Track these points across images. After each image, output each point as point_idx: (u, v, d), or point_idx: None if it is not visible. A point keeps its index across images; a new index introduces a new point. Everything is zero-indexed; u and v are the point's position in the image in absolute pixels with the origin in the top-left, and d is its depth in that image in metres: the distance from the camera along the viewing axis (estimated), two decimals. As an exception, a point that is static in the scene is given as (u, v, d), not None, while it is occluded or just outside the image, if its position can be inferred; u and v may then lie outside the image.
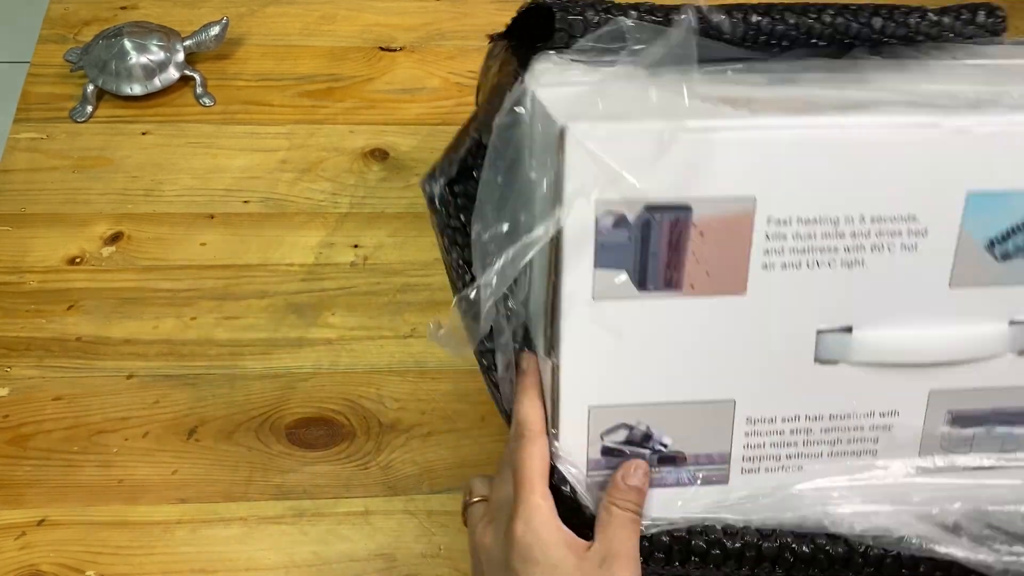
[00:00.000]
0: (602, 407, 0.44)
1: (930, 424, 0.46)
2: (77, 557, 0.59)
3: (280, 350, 0.69)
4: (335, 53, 0.87)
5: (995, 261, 0.43)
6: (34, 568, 0.59)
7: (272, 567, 0.60)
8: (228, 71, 0.85)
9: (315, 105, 0.83)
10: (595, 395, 0.44)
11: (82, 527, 0.61)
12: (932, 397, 0.45)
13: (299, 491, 0.63)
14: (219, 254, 0.73)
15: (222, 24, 0.83)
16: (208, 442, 0.65)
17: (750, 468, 0.45)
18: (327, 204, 0.77)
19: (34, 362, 0.67)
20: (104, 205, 0.75)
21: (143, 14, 0.87)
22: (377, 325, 0.71)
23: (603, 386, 0.44)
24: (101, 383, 0.67)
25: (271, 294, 0.72)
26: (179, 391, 0.67)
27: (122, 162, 0.78)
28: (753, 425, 0.45)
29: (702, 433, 0.45)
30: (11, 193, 0.76)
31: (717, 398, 0.45)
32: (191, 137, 0.80)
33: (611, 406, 0.44)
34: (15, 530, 0.60)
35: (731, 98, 0.42)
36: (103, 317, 0.70)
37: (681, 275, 0.42)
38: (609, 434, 0.45)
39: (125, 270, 0.72)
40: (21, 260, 0.72)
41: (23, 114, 0.80)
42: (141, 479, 0.63)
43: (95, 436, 0.64)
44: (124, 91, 0.80)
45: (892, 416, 0.45)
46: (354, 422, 0.66)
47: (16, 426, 0.64)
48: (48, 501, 0.61)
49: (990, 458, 0.46)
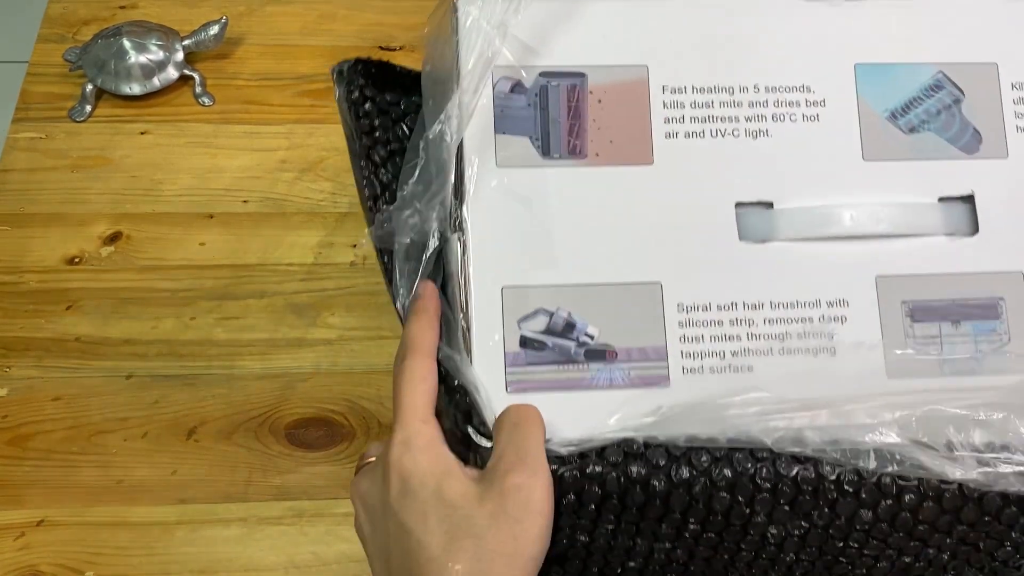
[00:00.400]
0: (516, 288, 0.41)
1: (888, 317, 0.42)
2: (76, 558, 0.59)
3: (279, 350, 0.69)
4: (335, 53, 0.87)
5: (903, 133, 0.44)
6: (33, 568, 0.59)
7: (272, 568, 0.60)
8: (227, 70, 0.84)
9: (315, 105, 0.83)
10: (507, 275, 0.41)
11: (81, 528, 0.61)
12: (880, 284, 0.42)
13: (299, 492, 0.63)
14: (218, 254, 0.73)
15: (221, 23, 0.83)
16: (207, 442, 0.64)
17: (692, 367, 0.41)
18: (327, 204, 0.77)
19: (33, 362, 0.67)
20: (103, 205, 0.75)
21: (142, 13, 0.87)
22: (377, 325, 0.70)
23: (516, 265, 0.41)
24: (100, 383, 0.67)
25: (270, 294, 0.72)
26: (178, 391, 0.67)
27: (121, 162, 0.78)
28: (687, 313, 0.41)
29: (631, 322, 0.41)
30: (10, 193, 0.76)
31: (641, 280, 0.41)
32: (190, 137, 0.80)
33: (526, 287, 0.41)
34: (14, 530, 0.60)
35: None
36: (102, 317, 0.70)
37: (584, 142, 0.42)
38: (527, 321, 0.41)
39: (124, 270, 0.72)
40: (20, 260, 0.72)
41: (22, 113, 0.80)
42: (140, 479, 0.63)
43: (94, 436, 0.64)
44: (123, 90, 0.80)
45: (843, 307, 0.42)
46: (354, 422, 0.66)
47: (15, 426, 0.64)
48: (47, 502, 0.61)
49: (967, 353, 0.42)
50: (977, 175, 0.44)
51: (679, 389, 0.40)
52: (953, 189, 0.44)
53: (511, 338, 0.41)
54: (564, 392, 0.40)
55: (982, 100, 0.45)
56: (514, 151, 0.42)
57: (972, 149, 0.44)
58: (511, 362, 0.40)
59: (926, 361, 0.41)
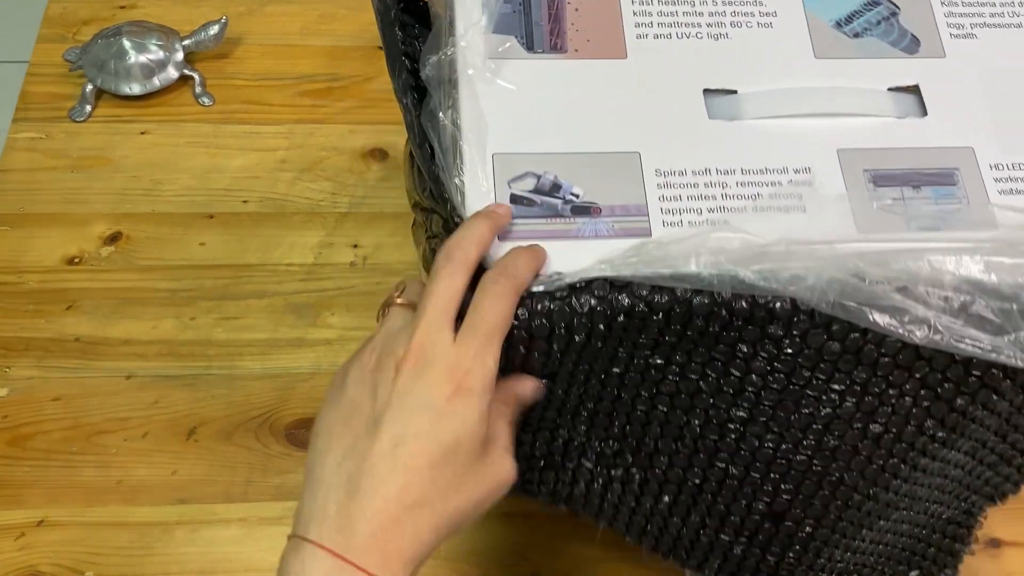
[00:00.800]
0: (505, 154, 0.45)
1: (852, 183, 0.45)
2: (76, 557, 0.59)
3: (279, 350, 0.69)
4: (334, 52, 0.87)
5: (849, 38, 0.49)
6: (33, 568, 0.59)
7: (271, 568, 0.60)
8: (227, 70, 0.84)
9: (314, 105, 0.83)
10: (497, 144, 0.45)
11: (81, 528, 0.61)
12: (842, 155, 0.46)
13: (298, 492, 0.63)
14: (218, 254, 0.73)
15: (221, 23, 0.83)
16: (207, 443, 0.65)
17: (672, 221, 0.44)
18: (326, 204, 0.77)
19: (33, 362, 0.67)
20: (103, 205, 0.75)
21: (142, 13, 0.87)
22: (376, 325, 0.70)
23: (505, 137, 0.45)
24: (100, 383, 0.67)
25: (270, 294, 0.72)
26: (178, 391, 0.67)
27: (121, 162, 0.78)
28: (664, 177, 0.45)
29: (613, 184, 0.44)
30: (10, 193, 0.76)
31: (621, 150, 0.45)
32: (190, 137, 0.80)
33: (515, 153, 0.45)
34: (15, 530, 0.60)
35: None
36: (102, 317, 0.70)
37: (564, 41, 0.48)
38: (516, 182, 0.44)
39: (124, 270, 0.72)
40: (20, 260, 0.72)
41: (22, 113, 0.80)
42: (140, 479, 0.63)
43: (94, 436, 0.64)
44: (123, 90, 0.80)
45: (808, 173, 0.45)
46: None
47: (15, 426, 0.64)
48: (47, 502, 0.61)
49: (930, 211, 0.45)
50: (920, 71, 0.49)
51: (659, 237, 0.43)
52: (900, 81, 0.48)
53: (502, 196, 0.44)
54: (552, 241, 0.43)
55: (916, 13, 0.50)
56: (502, 45, 0.47)
57: (912, 51, 0.49)
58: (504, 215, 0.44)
59: (892, 218, 0.44)
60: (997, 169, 0.46)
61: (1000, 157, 0.46)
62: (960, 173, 0.46)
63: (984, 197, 0.45)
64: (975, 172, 0.46)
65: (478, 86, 0.46)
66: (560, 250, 0.43)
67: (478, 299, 0.41)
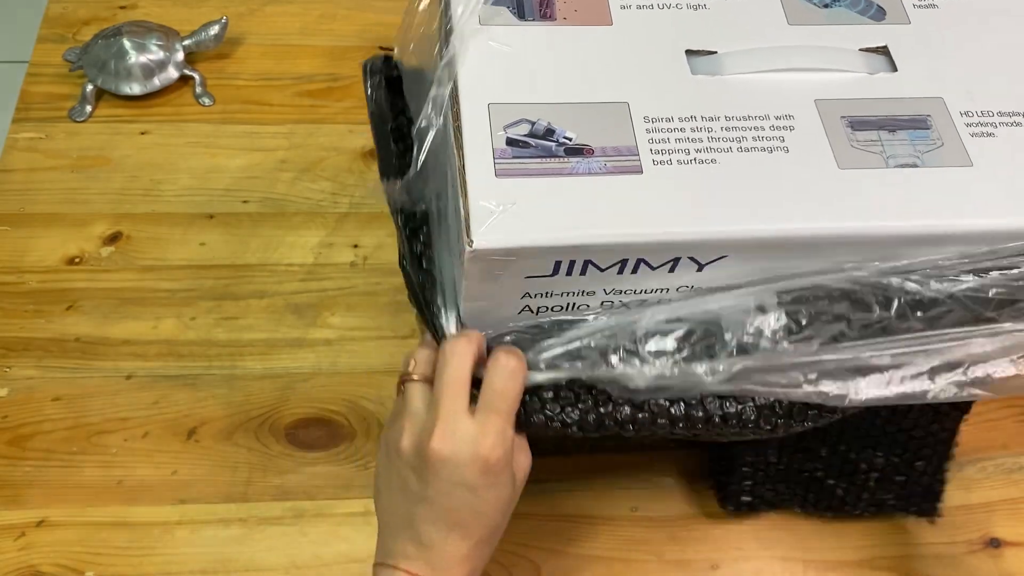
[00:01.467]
0: (501, 104, 0.47)
1: (831, 128, 0.48)
2: (77, 557, 0.59)
3: (279, 350, 0.69)
4: (335, 53, 0.87)
5: (818, 8, 0.53)
6: (34, 568, 0.59)
7: (272, 568, 0.60)
8: (227, 71, 0.84)
9: (314, 105, 0.83)
10: (492, 96, 0.47)
11: (82, 527, 0.61)
12: (819, 105, 0.49)
13: (299, 492, 0.63)
14: (218, 254, 0.73)
15: (221, 23, 0.83)
16: (208, 443, 0.65)
17: (661, 160, 0.46)
18: (327, 204, 0.77)
19: (33, 362, 0.67)
20: (103, 205, 0.75)
21: (142, 13, 0.87)
22: (377, 325, 0.70)
23: (500, 90, 0.48)
24: (100, 383, 0.67)
25: (270, 294, 0.72)
26: (179, 391, 0.67)
27: (121, 162, 0.78)
28: (652, 123, 0.47)
29: (604, 130, 0.47)
30: (10, 193, 0.76)
31: (611, 100, 0.48)
32: (190, 137, 0.80)
33: (510, 103, 0.47)
34: (15, 530, 0.60)
35: None
36: (102, 317, 0.70)
37: (553, 10, 0.51)
38: (511, 127, 0.47)
39: (124, 270, 0.72)
40: (20, 260, 0.72)
41: (22, 114, 0.80)
42: (141, 479, 0.63)
43: (94, 436, 0.64)
44: (123, 91, 0.80)
45: (789, 120, 0.48)
46: (354, 422, 0.66)
47: (15, 426, 0.64)
48: (48, 501, 0.61)
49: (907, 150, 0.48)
50: (888, 35, 0.52)
51: (651, 176, 0.46)
52: (869, 43, 0.52)
53: (498, 140, 0.46)
54: (547, 178, 0.45)
55: None
56: (494, 13, 0.50)
57: (879, 18, 0.53)
58: (499, 156, 0.46)
59: (870, 155, 0.47)
60: (967, 116, 0.49)
61: (969, 105, 0.50)
62: (932, 119, 0.49)
63: (958, 139, 0.48)
64: (947, 118, 0.49)
65: (471, 49, 0.49)
66: (554, 188, 0.45)
67: (492, 377, 0.46)
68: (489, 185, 0.45)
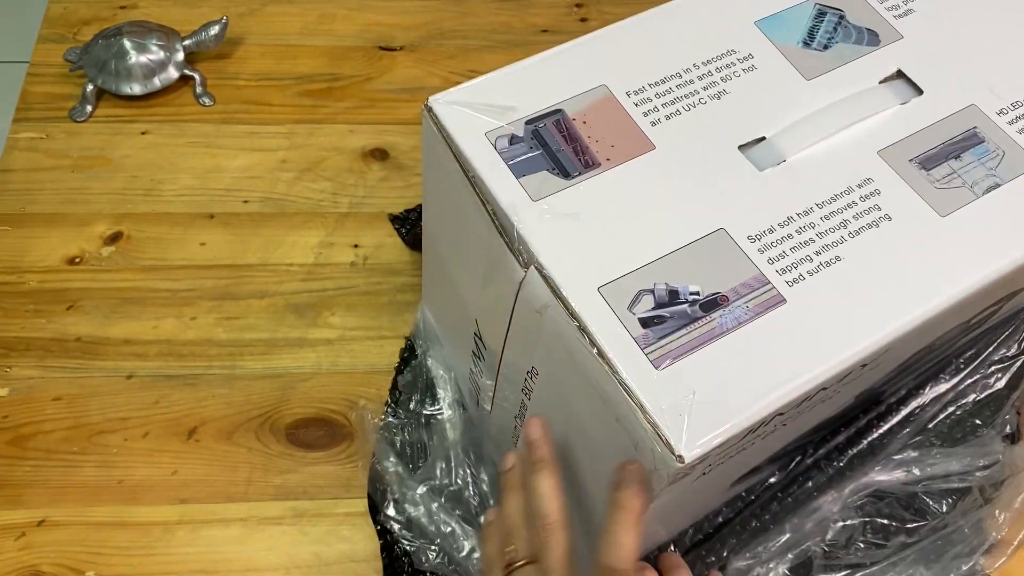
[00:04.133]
0: (608, 284, 0.43)
1: (907, 175, 0.47)
2: (77, 557, 0.59)
3: (280, 350, 0.69)
4: (335, 53, 0.87)
5: (820, 51, 0.52)
6: (34, 568, 0.59)
7: (272, 568, 0.60)
8: (228, 71, 0.84)
9: (315, 105, 0.83)
10: (594, 277, 0.43)
11: (82, 527, 0.61)
12: (884, 156, 0.48)
13: (299, 491, 0.63)
14: (219, 254, 0.73)
15: (222, 23, 0.83)
16: (208, 442, 0.65)
17: (793, 279, 0.43)
18: (327, 204, 0.77)
19: (34, 362, 0.67)
20: (103, 205, 0.75)
21: (143, 13, 0.87)
22: (377, 325, 0.70)
23: (594, 267, 0.43)
24: (101, 383, 0.67)
25: (271, 294, 0.72)
26: (179, 391, 0.67)
27: (121, 162, 0.78)
28: (759, 241, 0.44)
29: (719, 266, 0.43)
30: (10, 193, 0.76)
31: (706, 232, 0.45)
32: (191, 137, 0.80)
33: (616, 279, 0.43)
34: (15, 530, 0.60)
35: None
36: (103, 317, 0.70)
37: (592, 155, 0.47)
38: (635, 305, 0.42)
39: (125, 270, 0.72)
40: (20, 260, 0.72)
41: (22, 114, 0.80)
42: (141, 479, 0.63)
43: (95, 436, 0.64)
44: (124, 91, 0.80)
45: (870, 183, 0.47)
46: (354, 422, 0.66)
47: (16, 426, 0.64)
48: (48, 501, 0.61)
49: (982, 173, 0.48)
50: (892, 57, 0.52)
51: (797, 302, 0.43)
52: (883, 72, 0.51)
53: (633, 326, 0.42)
54: (705, 348, 0.41)
55: (855, 9, 0.54)
56: (539, 184, 0.46)
57: (875, 43, 0.52)
58: (643, 343, 0.41)
59: (959, 191, 0.47)
60: (1003, 114, 0.50)
61: (998, 103, 0.50)
62: (980, 131, 0.49)
63: (1011, 141, 0.49)
64: (989, 123, 0.49)
65: (539, 233, 0.44)
66: (718, 354, 0.41)
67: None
68: (655, 382, 0.40)
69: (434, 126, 0.47)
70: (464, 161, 0.46)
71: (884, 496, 0.60)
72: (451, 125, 0.47)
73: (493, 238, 0.45)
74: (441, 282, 0.60)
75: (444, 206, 0.52)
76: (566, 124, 0.47)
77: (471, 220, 0.47)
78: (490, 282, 0.48)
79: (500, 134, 0.47)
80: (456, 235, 0.52)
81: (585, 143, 0.47)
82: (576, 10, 0.91)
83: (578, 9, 0.92)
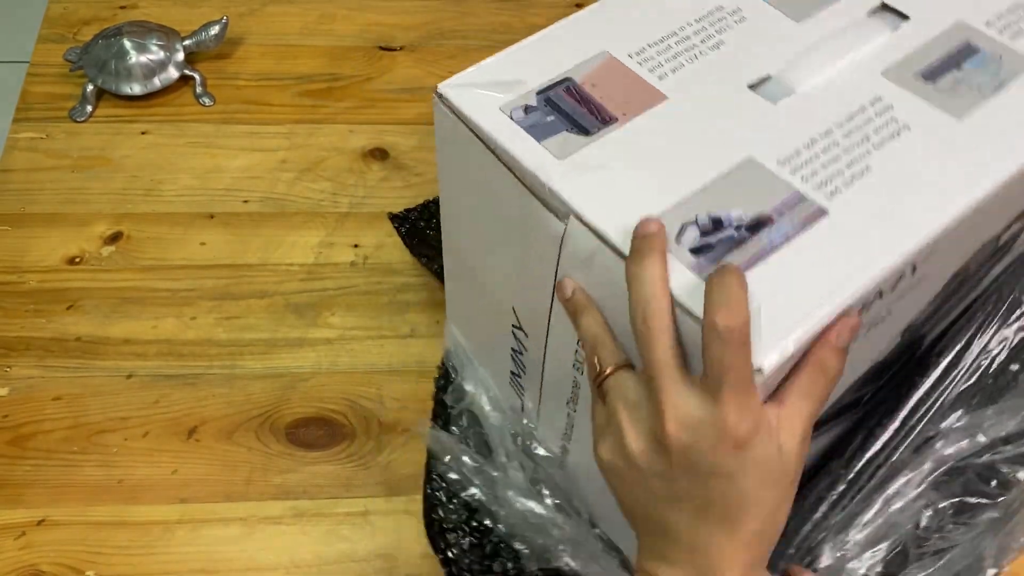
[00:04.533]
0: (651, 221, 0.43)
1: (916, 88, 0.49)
2: (77, 557, 0.59)
3: (280, 350, 0.69)
4: (335, 53, 0.87)
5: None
6: (34, 568, 0.59)
7: (272, 567, 0.60)
8: (228, 71, 0.84)
9: (315, 105, 0.83)
10: (634, 218, 0.43)
11: (82, 527, 0.61)
12: (889, 75, 0.50)
13: (299, 491, 0.63)
14: (219, 254, 0.73)
15: (222, 24, 0.83)
16: (208, 442, 0.65)
17: (831, 191, 0.45)
18: (327, 204, 0.77)
19: (34, 362, 0.67)
20: (103, 205, 0.75)
21: (143, 13, 0.87)
22: (377, 325, 0.71)
23: (632, 209, 0.43)
24: (101, 383, 0.67)
25: (271, 294, 0.72)
26: (179, 391, 0.67)
27: (121, 162, 0.78)
28: (789, 163, 0.46)
29: (756, 191, 0.45)
30: (10, 193, 0.76)
31: (736, 162, 0.46)
32: (191, 137, 0.80)
33: (658, 216, 0.43)
34: (15, 530, 0.60)
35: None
36: (103, 317, 0.70)
37: (608, 113, 0.48)
38: (682, 237, 0.43)
39: (125, 270, 0.72)
40: (21, 260, 0.72)
41: (22, 114, 0.80)
42: (141, 479, 0.63)
43: (95, 436, 0.64)
44: (124, 91, 0.80)
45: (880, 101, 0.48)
46: (354, 422, 0.66)
47: (16, 426, 0.64)
48: (48, 501, 0.61)
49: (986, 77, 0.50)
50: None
51: (838, 211, 0.44)
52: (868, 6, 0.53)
53: (685, 258, 0.43)
54: (759, 264, 0.42)
55: None
56: (561, 144, 0.47)
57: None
58: (698, 271, 0.42)
59: (969, 94, 0.49)
60: (990, 25, 0.52)
61: (984, 16, 0.52)
62: (972, 40, 0.51)
63: (1005, 47, 0.51)
64: (980, 34, 0.51)
65: (575, 184, 0.45)
66: (773, 270, 0.42)
67: (717, 354, 0.38)
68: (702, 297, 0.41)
69: (448, 111, 0.49)
70: (484, 135, 0.47)
71: (961, 472, 0.58)
72: (465, 106, 0.48)
73: (526, 202, 0.47)
74: (467, 286, 0.60)
75: (467, 193, 0.53)
76: (576, 89, 0.49)
77: (499, 194, 0.48)
78: (529, 251, 0.49)
79: (515, 106, 0.48)
80: (483, 219, 0.53)
81: (598, 103, 0.48)
82: (576, 10, 0.91)
83: (578, 9, 0.92)
